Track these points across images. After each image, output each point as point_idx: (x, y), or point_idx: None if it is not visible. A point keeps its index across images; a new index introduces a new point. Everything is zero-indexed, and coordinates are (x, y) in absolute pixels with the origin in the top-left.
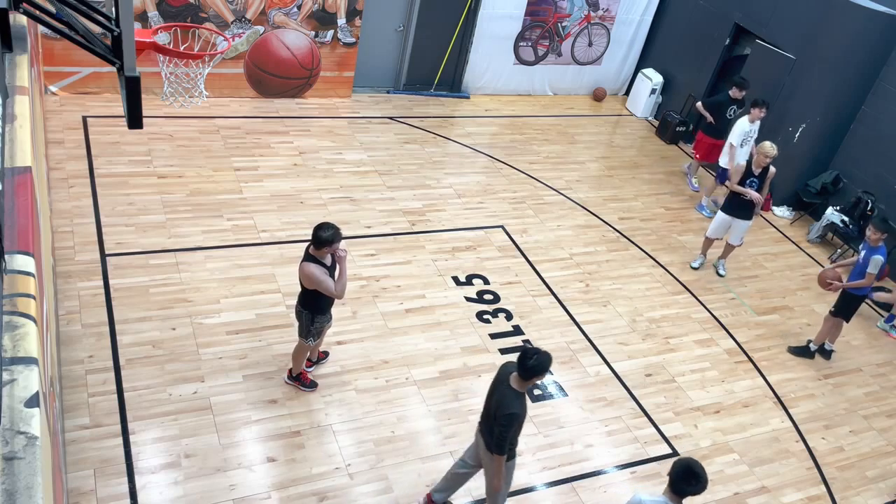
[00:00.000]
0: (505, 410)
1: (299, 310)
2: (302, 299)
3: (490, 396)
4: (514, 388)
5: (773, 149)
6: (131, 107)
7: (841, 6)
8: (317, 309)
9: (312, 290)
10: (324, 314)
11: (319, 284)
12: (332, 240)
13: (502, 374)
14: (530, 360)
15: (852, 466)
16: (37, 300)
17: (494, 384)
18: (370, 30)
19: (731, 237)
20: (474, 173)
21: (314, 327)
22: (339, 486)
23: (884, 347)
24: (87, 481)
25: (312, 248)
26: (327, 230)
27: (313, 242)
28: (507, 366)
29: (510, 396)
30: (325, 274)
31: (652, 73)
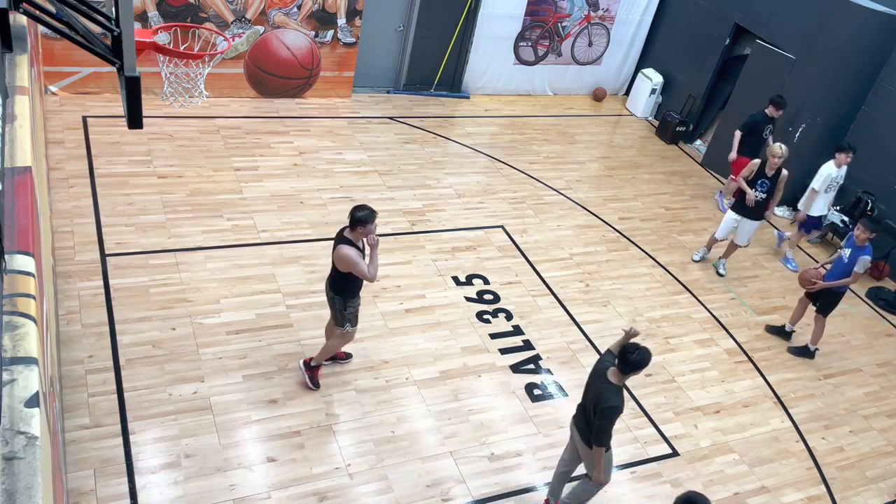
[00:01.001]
0: (605, 404)
1: (331, 296)
2: (333, 284)
3: (587, 391)
4: (612, 381)
5: (781, 149)
6: (131, 107)
7: (841, 6)
8: (348, 293)
9: (344, 274)
10: (354, 298)
11: (353, 267)
12: (366, 219)
13: (600, 369)
14: (632, 354)
15: (852, 466)
16: (37, 300)
17: (592, 379)
18: (370, 30)
19: (738, 237)
20: (474, 173)
21: (348, 312)
22: (339, 486)
23: (884, 347)
24: (87, 481)
25: (347, 230)
26: (362, 210)
27: (350, 222)
28: (604, 360)
29: (609, 390)
30: (359, 256)
31: (652, 73)
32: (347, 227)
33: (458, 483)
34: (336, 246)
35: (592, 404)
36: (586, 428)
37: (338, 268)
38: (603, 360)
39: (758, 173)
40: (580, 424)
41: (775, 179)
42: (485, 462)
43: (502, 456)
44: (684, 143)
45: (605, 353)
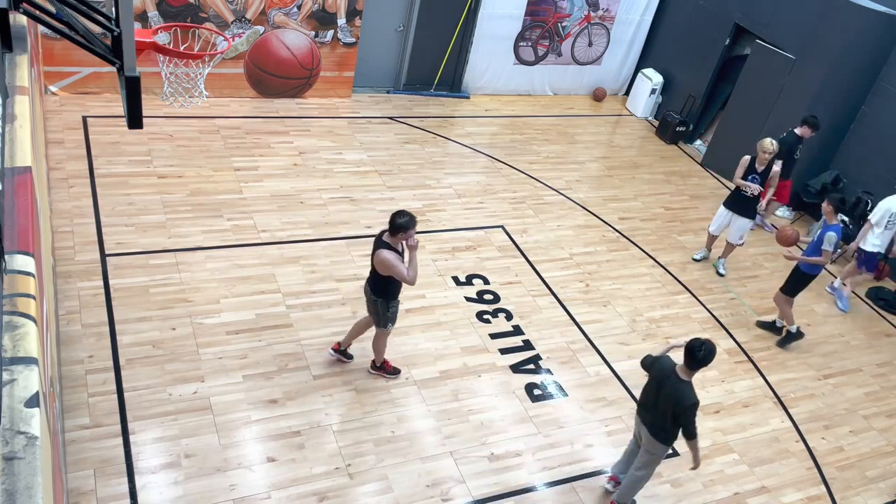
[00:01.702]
0: (686, 402)
1: (373, 298)
2: (375, 287)
3: (656, 392)
4: (683, 378)
5: (771, 144)
6: (131, 107)
7: (841, 6)
8: (390, 295)
9: (385, 277)
10: (395, 299)
11: (393, 270)
12: (407, 226)
13: (665, 369)
14: (700, 351)
15: (852, 466)
16: (37, 300)
17: (659, 380)
18: (370, 30)
19: (731, 235)
20: (474, 173)
21: (389, 313)
22: (339, 486)
23: (884, 347)
24: (87, 481)
25: (387, 235)
26: (403, 216)
27: (390, 228)
28: (663, 361)
29: (684, 388)
30: (399, 260)
31: (652, 73)
32: (387, 231)
33: (458, 483)
34: (375, 250)
35: (672, 404)
36: (655, 425)
37: (378, 272)
38: (661, 361)
39: (748, 169)
40: (647, 421)
41: (766, 174)
42: (485, 462)
43: (502, 456)
44: (684, 143)
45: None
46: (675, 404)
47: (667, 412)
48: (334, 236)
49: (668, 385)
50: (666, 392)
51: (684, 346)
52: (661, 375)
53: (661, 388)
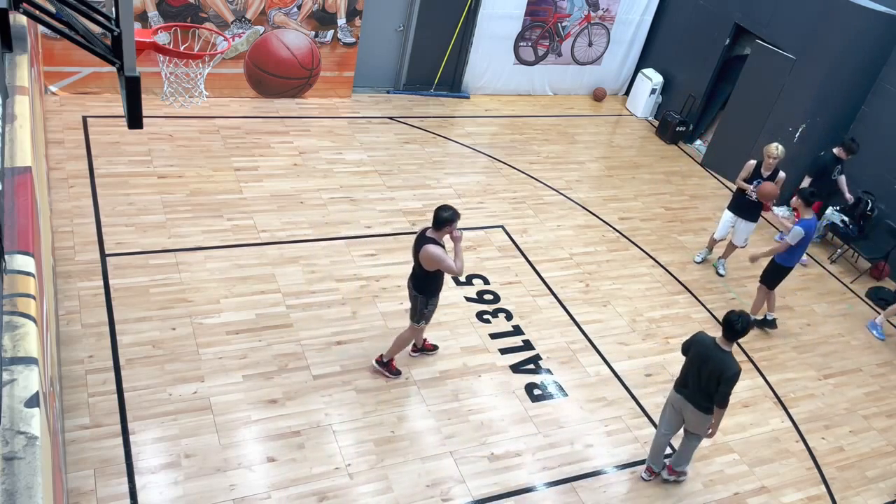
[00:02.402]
0: (730, 371)
1: (415, 294)
2: (417, 283)
3: (699, 366)
4: (725, 349)
5: (777, 149)
6: (131, 107)
7: (841, 6)
8: (431, 292)
9: (430, 274)
10: (435, 296)
11: (441, 263)
12: (451, 219)
13: (706, 345)
14: (738, 324)
15: (852, 466)
16: (37, 300)
17: (701, 357)
18: (370, 30)
19: (735, 238)
20: (474, 173)
21: (427, 310)
22: (339, 486)
23: (884, 347)
24: (87, 481)
25: (431, 230)
26: (447, 210)
27: (434, 223)
28: (702, 336)
29: (727, 359)
30: (445, 253)
31: (652, 73)
32: (429, 227)
33: (458, 483)
34: (420, 246)
35: (717, 374)
36: (704, 398)
37: (425, 267)
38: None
39: (754, 173)
40: (694, 398)
41: (772, 180)
42: (485, 462)
43: (502, 456)
44: (684, 143)
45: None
46: (720, 373)
47: (711, 383)
48: (334, 236)
49: (712, 358)
50: (711, 365)
51: (723, 320)
52: (702, 352)
53: (705, 363)
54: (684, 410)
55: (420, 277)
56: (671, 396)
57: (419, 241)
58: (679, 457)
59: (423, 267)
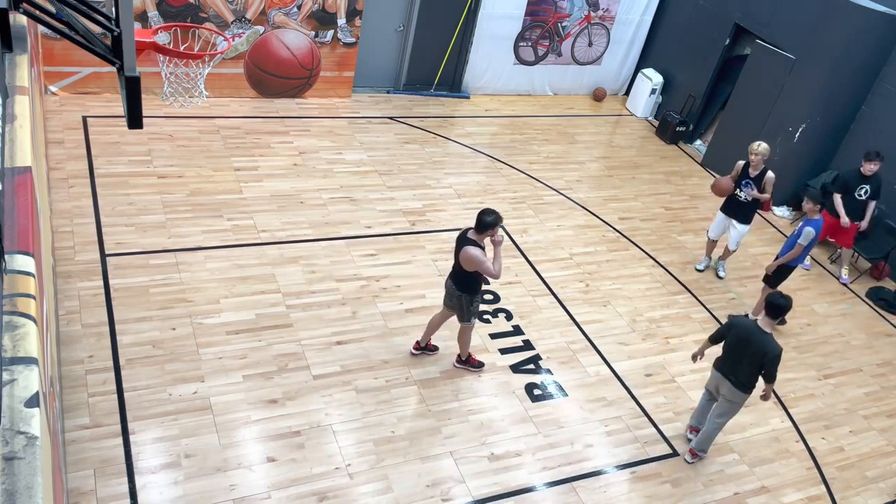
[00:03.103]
0: (774, 352)
1: (458, 294)
2: (459, 283)
3: (741, 348)
4: (767, 331)
5: (758, 146)
6: (131, 107)
7: (841, 6)
8: (474, 290)
9: (470, 273)
10: (478, 293)
11: (480, 265)
12: (494, 223)
13: (746, 328)
14: (782, 301)
15: (852, 466)
16: (37, 300)
17: (742, 340)
18: (370, 30)
19: (729, 242)
20: (474, 173)
21: (472, 307)
22: (339, 486)
23: (884, 347)
24: (87, 481)
25: (472, 233)
26: (490, 214)
27: (476, 226)
28: (739, 320)
29: (769, 340)
30: (484, 255)
31: (652, 73)
32: (471, 229)
33: (458, 483)
34: (461, 247)
35: (761, 355)
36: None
37: (464, 268)
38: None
39: (741, 174)
40: (732, 377)
41: (759, 180)
42: (485, 462)
43: (502, 456)
44: (684, 143)
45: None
46: (763, 355)
47: (754, 364)
48: (334, 236)
49: (754, 341)
50: (753, 347)
51: (766, 301)
52: (743, 335)
53: (747, 346)
54: (721, 386)
55: (460, 277)
56: (711, 373)
57: (460, 241)
58: (703, 441)
59: (463, 267)
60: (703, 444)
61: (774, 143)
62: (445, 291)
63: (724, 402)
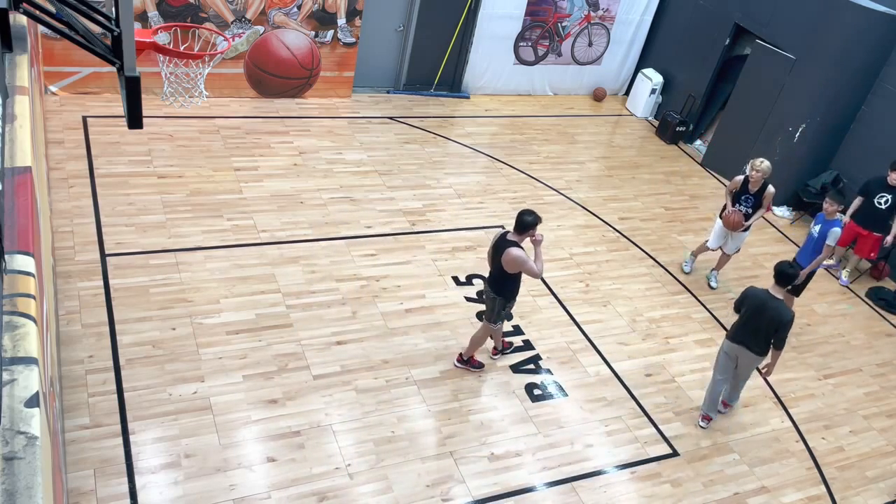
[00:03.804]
0: (787, 317)
1: (493, 296)
2: (496, 286)
3: (757, 316)
4: (779, 297)
5: (762, 164)
6: (131, 107)
7: (841, 6)
8: (512, 294)
9: (510, 275)
10: (514, 298)
11: (523, 266)
12: (534, 223)
13: (759, 297)
14: (790, 270)
15: (852, 466)
16: (37, 300)
17: (757, 309)
18: (370, 30)
19: (728, 247)
20: (474, 173)
21: (505, 311)
22: (339, 486)
23: (884, 347)
24: (87, 481)
25: (513, 234)
26: (531, 214)
27: (517, 227)
28: (753, 290)
29: (781, 306)
30: (527, 256)
31: (652, 73)
32: (508, 231)
33: (458, 483)
34: (503, 250)
35: (776, 321)
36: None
37: (507, 270)
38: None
39: (741, 189)
40: (749, 344)
41: (759, 195)
42: (485, 462)
43: (502, 456)
44: (684, 143)
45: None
46: (778, 321)
47: (769, 330)
48: (334, 236)
49: (769, 308)
50: (768, 315)
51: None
52: (757, 304)
53: (762, 313)
54: (740, 356)
55: (499, 280)
56: (725, 346)
57: (500, 244)
58: (732, 393)
59: (505, 269)
60: (733, 399)
61: (774, 143)
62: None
63: (744, 369)
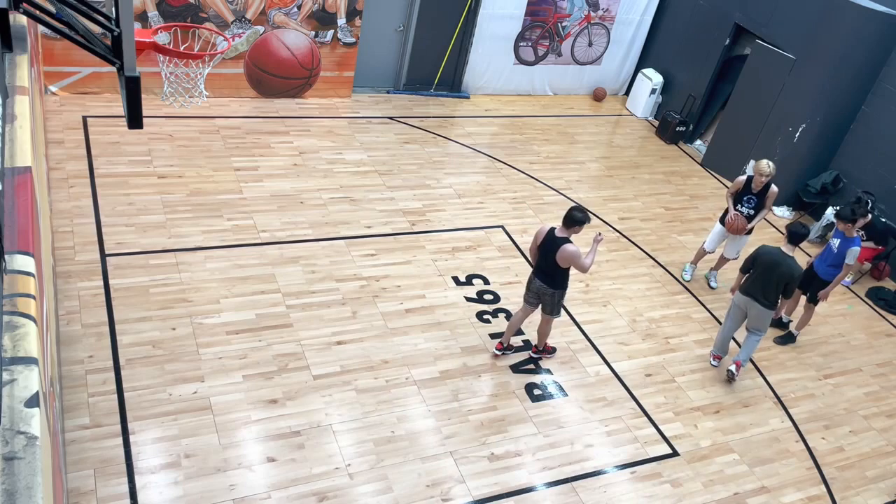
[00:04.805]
0: (797, 273)
1: (550, 292)
2: (549, 280)
3: (770, 271)
4: (790, 255)
5: (768, 167)
6: (131, 107)
7: (841, 6)
8: (564, 285)
9: (562, 270)
10: (566, 289)
11: (577, 261)
12: (584, 221)
13: (772, 254)
14: (802, 229)
15: (852, 466)
16: (37, 300)
17: (771, 263)
18: (370, 30)
19: (727, 251)
20: (474, 173)
21: (560, 302)
22: (339, 486)
23: (884, 347)
24: (87, 481)
25: (560, 230)
26: (581, 212)
27: (566, 222)
28: (766, 248)
29: (793, 262)
30: (580, 252)
31: (652, 73)
32: (554, 227)
33: (458, 483)
34: (556, 246)
35: (788, 276)
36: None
37: (560, 265)
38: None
39: (744, 189)
40: (759, 297)
41: (762, 196)
42: (485, 462)
43: (502, 456)
44: (684, 143)
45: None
46: (789, 276)
47: (780, 285)
48: (334, 236)
49: (782, 263)
50: (781, 269)
51: (787, 230)
52: (771, 260)
53: (775, 269)
54: (750, 309)
55: (551, 274)
56: (737, 299)
57: (552, 240)
58: (745, 352)
59: (559, 264)
60: (745, 357)
61: (774, 143)
62: (529, 290)
63: (755, 320)
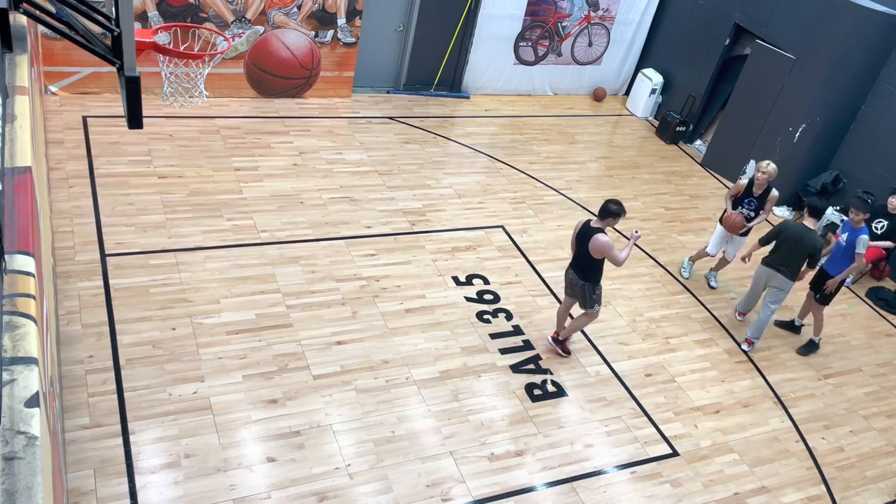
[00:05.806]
0: (819, 244)
1: (581, 284)
2: (582, 272)
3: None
4: (812, 229)
5: (768, 166)
6: (131, 107)
7: (841, 6)
8: (598, 278)
9: (595, 261)
10: (600, 281)
11: (609, 252)
12: (619, 213)
13: (796, 228)
14: (818, 206)
15: (852, 466)
16: (37, 300)
17: (796, 237)
18: (370, 30)
19: (728, 253)
20: (474, 173)
21: (596, 295)
22: (339, 486)
23: (884, 347)
24: (87, 481)
25: (596, 221)
26: (616, 204)
27: (602, 213)
28: (790, 224)
29: (815, 236)
30: (613, 243)
31: (652, 73)
32: (590, 219)
33: (458, 483)
34: (590, 236)
35: (811, 248)
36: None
37: (593, 256)
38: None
39: (745, 192)
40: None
41: (763, 198)
42: (485, 462)
43: (502, 456)
44: (684, 143)
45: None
46: (812, 248)
47: (803, 257)
48: (334, 236)
49: (805, 237)
50: (805, 242)
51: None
52: (795, 234)
53: (800, 242)
54: (772, 280)
55: (584, 266)
56: (759, 270)
57: (586, 231)
58: (757, 329)
59: (591, 255)
60: (757, 332)
61: (774, 143)
62: (566, 282)
63: (775, 291)
